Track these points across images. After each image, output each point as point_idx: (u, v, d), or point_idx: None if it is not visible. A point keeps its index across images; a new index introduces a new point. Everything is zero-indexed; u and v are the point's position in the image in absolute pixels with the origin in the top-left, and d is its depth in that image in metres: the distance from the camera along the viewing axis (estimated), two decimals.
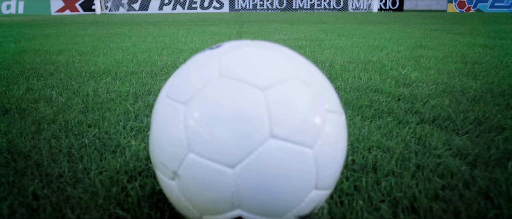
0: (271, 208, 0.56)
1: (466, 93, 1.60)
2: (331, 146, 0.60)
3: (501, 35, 4.43)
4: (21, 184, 0.83)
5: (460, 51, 2.95)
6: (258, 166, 0.54)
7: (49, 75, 2.09)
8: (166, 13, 18.65)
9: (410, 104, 1.42)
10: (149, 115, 1.33)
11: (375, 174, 0.85)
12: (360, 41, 3.71)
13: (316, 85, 0.62)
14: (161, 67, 2.30)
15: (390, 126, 1.19)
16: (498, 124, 1.20)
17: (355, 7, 25.05)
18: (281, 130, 0.55)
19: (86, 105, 1.45)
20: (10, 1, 25.42)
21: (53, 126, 1.21)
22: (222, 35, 4.55)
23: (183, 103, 0.58)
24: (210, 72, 0.59)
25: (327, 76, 1.97)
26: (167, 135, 0.59)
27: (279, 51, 0.65)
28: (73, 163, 0.93)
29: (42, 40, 4.16)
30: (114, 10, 22.84)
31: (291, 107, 0.56)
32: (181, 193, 0.59)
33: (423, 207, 0.72)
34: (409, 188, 0.78)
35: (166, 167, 0.59)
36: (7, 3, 25.41)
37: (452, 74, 2.00)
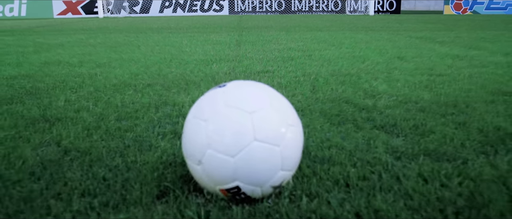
0: (255, 180, 0.98)
1: (417, 103, 2.02)
2: (290, 146, 1.02)
3: (478, 44, 4.86)
4: (93, 171, 1.25)
5: (432, 62, 3.37)
6: (247, 156, 0.96)
7: (78, 87, 2.51)
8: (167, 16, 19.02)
9: (370, 114, 1.84)
10: (169, 123, 1.74)
11: (328, 164, 1.27)
12: (347, 51, 4.14)
13: (282, 110, 1.04)
14: (172, 79, 2.72)
15: (349, 131, 1.61)
16: (429, 129, 1.62)
17: (353, 9, 25.38)
18: (260, 136, 0.97)
19: (119, 115, 1.87)
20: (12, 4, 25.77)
21: (99, 131, 1.64)
22: (222, 44, 4.97)
23: (204, 120, 1.00)
24: (219, 102, 1.02)
25: (311, 88, 2.39)
26: (195, 139, 1.01)
27: (262, 88, 1.08)
28: (123, 158, 1.35)
29: (58, 50, 4.58)
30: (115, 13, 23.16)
31: (266, 123, 0.98)
32: (203, 173, 1.01)
33: (354, 184, 1.14)
34: (348, 173, 1.20)
35: (194, 157, 1.02)
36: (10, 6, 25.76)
37: (413, 86, 2.43)
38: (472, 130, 1.61)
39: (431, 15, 19.10)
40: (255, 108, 1.00)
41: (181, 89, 2.42)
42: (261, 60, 3.56)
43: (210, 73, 2.96)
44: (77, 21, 12.78)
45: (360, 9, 23.89)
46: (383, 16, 17.42)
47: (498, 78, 2.65)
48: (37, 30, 8.30)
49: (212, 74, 2.90)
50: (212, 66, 3.27)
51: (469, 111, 1.88)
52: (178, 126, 1.69)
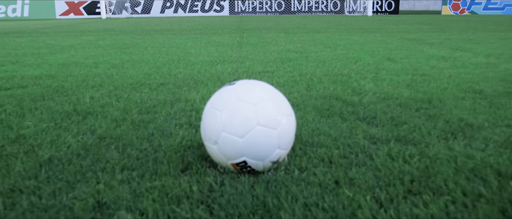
0: (258, 156, 1.29)
1: (397, 99, 2.33)
2: (285, 130, 1.33)
3: (465, 45, 5.16)
4: (127, 152, 1.56)
5: (418, 63, 3.68)
6: (252, 137, 1.27)
7: (99, 86, 2.82)
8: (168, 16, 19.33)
9: (355, 108, 2.15)
10: (184, 116, 2.05)
11: (316, 147, 1.58)
12: (342, 53, 4.44)
13: (279, 102, 1.35)
14: (182, 79, 3.03)
15: (336, 122, 1.92)
16: (403, 121, 1.92)
17: (352, 9, 25.63)
18: (262, 122, 1.27)
19: (140, 109, 2.18)
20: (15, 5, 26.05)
21: (126, 122, 1.94)
22: (225, 46, 5.28)
23: (220, 110, 1.31)
24: (230, 96, 1.33)
25: (306, 86, 2.70)
26: (212, 124, 1.32)
27: (263, 86, 1.38)
28: (150, 143, 1.66)
29: (71, 52, 4.89)
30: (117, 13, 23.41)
31: (266, 112, 1.29)
32: (218, 151, 1.32)
33: (335, 161, 1.45)
34: (332, 153, 1.51)
35: (211, 139, 1.32)
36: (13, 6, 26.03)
37: (396, 85, 2.74)
38: (439, 121, 1.92)
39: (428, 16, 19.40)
40: (258, 100, 1.31)
41: (190, 87, 2.73)
42: (262, 61, 3.87)
43: (215, 73, 3.27)
44: (82, 23, 13.08)
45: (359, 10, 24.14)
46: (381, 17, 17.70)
47: (473, 78, 2.96)
48: (45, 32, 8.60)
49: (217, 74, 3.21)
50: (216, 67, 3.58)
51: (440, 106, 2.19)
52: (192, 119, 2.00)
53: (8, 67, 3.69)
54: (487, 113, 2.05)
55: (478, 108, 2.15)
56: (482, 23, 10.84)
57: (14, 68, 3.67)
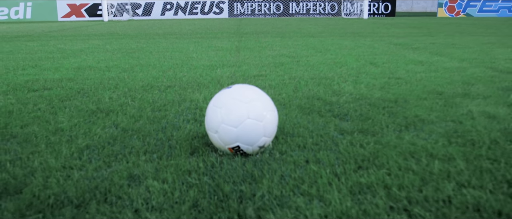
0: (248, 142, 1.72)
1: (369, 99, 2.77)
2: (269, 122, 1.76)
3: (445, 50, 5.60)
4: (147, 141, 1.99)
5: (396, 68, 4.12)
6: (244, 127, 1.70)
7: (115, 88, 3.25)
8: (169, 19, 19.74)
9: (332, 107, 2.59)
10: (190, 113, 2.48)
11: (295, 137, 2.01)
12: (330, 58, 4.88)
13: (264, 101, 1.78)
14: (186, 82, 3.46)
15: (314, 118, 2.35)
16: (369, 117, 2.36)
17: (349, 12, 26.02)
18: (251, 116, 1.71)
19: (153, 108, 2.61)
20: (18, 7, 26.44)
21: (142, 118, 2.37)
22: (224, 50, 5.72)
23: (219, 107, 1.75)
24: (227, 97, 1.76)
25: (293, 89, 3.13)
26: (214, 117, 1.75)
27: (253, 89, 1.82)
28: (164, 134, 2.09)
29: (82, 56, 5.32)
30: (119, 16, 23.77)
31: (255, 109, 1.72)
32: (218, 138, 1.75)
33: (309, 147, 1.88)
34: (306, 141, 1.94)
35: (213, 129, 1.76)
36: (16, 8, 26.42)
37: (372, 87, 3.17)
38: (398, 117, 2.35)
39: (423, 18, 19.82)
40: (249, 100, 1.74)
41: (194, 89, 3.16)
42: (257, 65, 4.31)
43: (215, 76, 3.71)
44: (86, 25, 13.49)
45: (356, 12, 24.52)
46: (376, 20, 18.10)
47: (440, 81, 3.39)
48: (53, 35, 9.03)
49: (217, 78, 3.64)
50: (216, 71, 4.02)
51: (404, 105, 2.62)
52: (196, 115, 2.43)
53: (30, 71, 4.13)
54: (440, 110, 2.49)
55: (434, 106, 2.58)
56: (472, 27, 11.28)
57: (35, 71, 4.10)
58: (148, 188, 1.48)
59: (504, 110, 2.50)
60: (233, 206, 1.34)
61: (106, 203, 1.38)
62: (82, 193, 1.45)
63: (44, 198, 1.41)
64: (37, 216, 1.31)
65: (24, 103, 2.79)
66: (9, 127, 2.25)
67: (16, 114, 2.50)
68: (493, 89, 3.07)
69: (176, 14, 27.52)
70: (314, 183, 1.51)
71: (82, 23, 16.34)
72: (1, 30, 11.25)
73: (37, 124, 2.28)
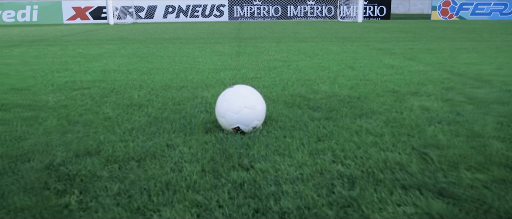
0: (245, 124, 2.55)
1: (338, 96, 3.59)
2: (259, 110, 2.59)
3: (418, 55, 6.43)
4: (173, 124, 2.82)
5: (370, 71, 4.95)
6: (242, 114, 2.53)
7: (139, 88, 4.08)
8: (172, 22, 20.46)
9: (309, 102, 3.41)
10: (202, 106, 3.31)
11: (278, 122, 2.84)
12: (316, 62, 5.72)
13: (256, 96, 2.62)
14: (196, 83, 4.29)
15: (294, 110, 3.18)
16: (334, 109, 3.18)
17: (345, 14, 26.78)
18: (247, 106, 2.54)
19: (174, 102, 3.44)
20: (24, 10, 27.26)
21: (167, 110, 3.20)
22: (226, 55, 6.55)
23: (226, 100, 2.58)
24: (231, 93, 2.59)
25: (281, 88, 3.96)
26: (222, 107, 2.58)
27: (249, 88, 2.65)
28: (185, 120, 2.92)
29: (103, 60, 6.15)
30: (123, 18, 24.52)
31: (250, 101, 2.56)
32: (225, 122, 2.58)
33: (286, 128, 2.71)
34: (285, 124, 2.77)
35: (221, 115, 2.59)
36: (22, 11, 27.27)
37: (344, 87, 4.00)
38: (357, 109, 3.18)
39: (416, 21, 20.64)
40: (246, 95, 2.57)
41: (203, 89, 3.99)
42: (254, 69, 5.14)
43: (219, 78, 4.54)
44: (95, 29, 14.30)
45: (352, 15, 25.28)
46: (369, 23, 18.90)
47: (400, 82, 4.22)
48: (67, 40, 9.86)
49: (221, 79, 4.47)
50: (220, 73, 4.85)
51: (364, 101, 3.45)
52: (207, 107, 3.25)
53: (65, 74, 4.96)
54: (390, 105, 3.32)
55: (386, 102, 3.41)
56: (456, 31, 12.11)
57: (68, 74, 4.94)
58: (180, 151, 2.31)
59: (438, 104, 3.33)
60: (235, 159, 2.17)
61: (155, 159, 2.21)
62: (139, 154, 2.28)
63: (115, 156, 2.24)
64: (114, 166, 2.13)
65: (72, 99, 3.62)
66: (70, 116, 3.07)
67: (70, 107, 3.33)
68: (438, 89, 3.91)
69: (178, 16, 28.25)
70: (287, 148, 2.34)
71: (89, 26, 17.16)
72: (15, 34, 12.08)
73: (90, 114, 3.11)
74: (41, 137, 2.57)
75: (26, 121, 2.94)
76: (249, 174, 1.98)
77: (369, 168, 2.05)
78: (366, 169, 2.03)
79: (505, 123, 2.78)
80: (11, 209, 1.67)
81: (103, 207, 1.68)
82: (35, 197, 1.77)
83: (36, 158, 2.22)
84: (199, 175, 1.97)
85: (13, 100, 3.59)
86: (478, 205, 1.67)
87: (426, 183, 1.87)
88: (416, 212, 1.62)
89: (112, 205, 1.69)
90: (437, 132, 2.61)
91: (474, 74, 4.72)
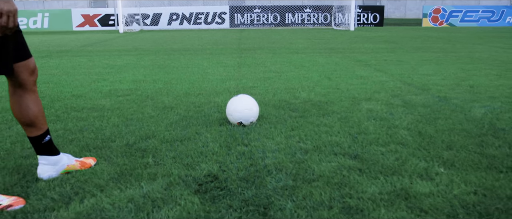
0: (246, 119, 3.98)
1: (310, 101, 5.01)
2: (255, 111, 4.02)
3: (387, 67, 7.85)
4: (196, 118, 4.24)
5: (341, 81, 6.36)
6: (244, 113, 3.96)
7: (167, 94, 5.50)
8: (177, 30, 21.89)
9: (290, 105, 4.83)
10: (215, 108, 4.73)
11: (268, 117, 4.27)
12: (302, 73, 7.14)
13: (253, 102, 4.05)
14: (209, 91, 5.72)
15: (279, 111, 4.60)
16: (307, 110, 4.60)
17: (340, 22, 28.19)
18: (247, 107, 3.97)
19: (195, 105, 4.87)
20: (36, 17, 28.73)
21: (191, 110, 4.63)
22: (229, 67, 7.98)
23: (232, 104, 4.02)
24: (236, 100, 4.02)
25: (272, 95, 5.37)
26: (230, 108, 4.01)
27: (248, 96, 4.09)
28: (205, 117, 4.35)
29: (129, 71, 7.58)
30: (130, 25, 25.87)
31: (249, 104, 3.99)
32: (232, 118, 4.01)
33: (272, 122, 4.13)
34: (272, 119, 4.19)
35: (229, 113, 4.02)
36: (34, 18, 28.75)
37: (318, 94, 5.42)
38: (322, 110, 4.60)
39: (405, 29, 22.05)
40: (246, 101, 4.00)
41: (214, 96, 5.42)
42: (252, 80, 6.57)
43: (226, 87, 5.96)
44: (110, 39, 15.72)
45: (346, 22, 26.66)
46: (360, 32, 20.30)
47: (361, 91, 5.64)
48: (90, 50, 11.29)
49: (227, 88, 5.90)
50: (226, 83, 6.28)
51: (329, 104, 4.86)
52: (219, 109, 4.67)
53: (104, 83, 6.38)
54: (347, 107, 4.74)
55: (345, 105, 4.83)
56: (436, 41, 13.53)
57: (107, 84, 6.36)
58: (205, 136, 3.73)
59: (380, 107, 4.75)
60: (239, 140, 3.59)
61: (190, 140, 3.62)
62: (180, 137, 3.70)
63: (166, 139, 3.65)
64: (166, 144, 3.54)
65: (120, 103, 5.04)
66: (124, 115, 4.49)
67: (122, 109, 4.76)
68: (387, 96, 5.33)
69: (181, 23, 29.62)
70: (271, 134, 3.75)
71: (101, 35, 18.58)
72: (38, 43, 13.53)
73: (138, 114, 4.54)
74: (113, 128, 4.00)
75: (97, 118, 4.37)
76: (247, 148, 3.41)
77: (318, 145, 3.47)
78: (316, 145, 3.45)
79: (418, 120, 4.20)
80: (119, 163, 3.09)
81: (167, 163, 3.09)
82: (128, 158, 3.19)
83: (117, 140, 3.65)
84: (218, 148, 3.40)
85: (79, 104, 5.02)
86: (374, 163, 3.08)
87: (349, 152, 3.29)
88: (337, 166, 3.03)
89: (172, 162, 3.11)
90: (370, 125, 4.04)
91: (420, 84, 6.15)
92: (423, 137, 3.62)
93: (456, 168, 2.92)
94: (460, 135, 3.68)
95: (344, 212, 2.32)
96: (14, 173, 2.89)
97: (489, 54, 10.08)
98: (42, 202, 2.48)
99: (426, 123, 4.08)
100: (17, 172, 2.90)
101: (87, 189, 2.64)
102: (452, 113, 4.45)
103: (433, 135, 3.69)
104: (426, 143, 3.46)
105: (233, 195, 2.54)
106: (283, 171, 2.92)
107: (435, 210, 2.33)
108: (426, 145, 3.41)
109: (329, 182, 2.70)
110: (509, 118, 4.23)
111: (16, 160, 3.14)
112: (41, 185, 2.70)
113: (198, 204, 2.41)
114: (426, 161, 3.07)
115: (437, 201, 2.44)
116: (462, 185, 2.65)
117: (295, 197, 2.50)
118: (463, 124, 4.00)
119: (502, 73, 7.11)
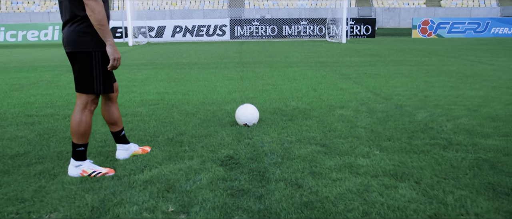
0: (250, 122, 5.58)
1: (298, 109, 6.61)
2: (256, 115, 5.63)
3: (364, 80, 9.45)
4: (215, 123, 5.85)
5: (324, 93, 7.97)
6: (248, 117, 5.57)
7: (187, 104, 7.10)
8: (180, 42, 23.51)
9: (282, 111, 6.44)
10: (226, 114, 6.33)
11: (266, 121, 5.87)
12: (293, 85, 8.75)
13: (255, 109, 5.67)
14: (219, 101, 7.32)
15: (273, 116, 6.20)
16: (295, 115, 6.20)
17: (335, 33, 29.88)
18: (250, 113, 5.58)
19: (211, 111, 6.47)
20: (47, 30, 30.42)
21: (208, 116, 6.23)
22: (233, 80, 9.59)
23: (239, 110, 5.63)
24: (242, 108, 5.64)
25: (268, 104, 6.97)
26: (238, 114, 5.62)
27: (251, 105, 5.71)
28: (219, 120, 5.95)
29: (151, 85, 9.19)
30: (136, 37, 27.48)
31: (251, 111, 5.60)
32: (239, 121, 5.62)
33: (268, 123, 5.73)
34: (268, 121, 5.79)
35: (237, 117, 5.63)
36: (45, 31, 30.45)
37: (304, 103, 7.01)
38: (305, 115, 6.19)
39: (394, 40, 23.70)
40: (249, 108, 5.61)
41: (225, 105, 7.02)
42: (253, 91, 8.18)
43: (233, 98, 7.57)
44: (122, 52, 17.34)
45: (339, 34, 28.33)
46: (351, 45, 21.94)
47: (337, 100, 7.24)
48: None
49: (233, 98, 7.50)
50: (232, 94, 7.89)
51: (311, 110, 6.46)
52: (230, 115, 6.27)
53: (134, 95, 7.98)
54: (322, 113, 6.33)
55: (322, 111, 6.43)
56: (417, 54, 15.17)
57: (137, 95, 7.96)
58: (221, 133, 5.33)
59: (349, 113, 6.35)
60: (245, 135, 5.18)
61: (211, 136, 5.22)
62: (204, 134, 5.29)
63: (195, 135, 5.25)
64: (196, 138, 5.13)
65: (153, 111, 6.64)
66: (159, 119, 6.09)
67: (156, 115, 6.35)
68: (357, 104, 6.93)
69: (184, 36, 31.32)
70: (267, 132, 5.35)
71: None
72: (59, 58, 15.15)
73: (169, 118, 6.13)
74: (155, 128, 5.59)
75: (140, 121, 5.96)
76: (251, 140, 5.00)
77: (299, 138, 5.06)
78: (298, 138, 5.05)
79: (374, 122, 5.80)
80: (167, 150, 4.67)
81: (198, 150, 4.67)
82: (171, 147, 4.78)
83: (162, 134, 5.24)
84: (231, 141, 4.99)
85: (122, 111, 6.62)
86: (335, 148, 4.66)
87: (320, 143, 4.88)
88: (311, 151, 4.60)
89: (202, 149, 4.69)
90: (339, 125, 5.63)
91: (386, 94, 7.77)
92: (373, 133, 5.23)
93: (388, 152, 4.52)
94: (400, 132, 5.28)
95: (311, 175, 3.91)
96: (100, 155, 4.50)
97: (457, 67, 11.70)
98: (125, 171, 4.07)
99: (379, 123, 5.69)
100: (101, 155, 4.50)
101: (151, 164, 4.24)
102: (401, 117, 6.06)
103: (381, 132, 5.29)
104: (374, 137, 5.07)
105: (243, 167, 4.13)
106: (275, 153, 4.52)
107: (365, 174, 3.92)
108: (373, 138, 5.02)
109: (303, 160, 4.31)
110: (441, 120, 5.84)
111: (97, 148, 4.75)
112: (120, 162, 4.29)
113: (222, 172, 4.01)
114: (369, 147, 4.67)
115: (369, 169, 4.04)
116: (387, 160, 4.25)
117: (281, 167, 4.10)
118: (405, 125, 5.61)
119: (456, 85, 8.73)
